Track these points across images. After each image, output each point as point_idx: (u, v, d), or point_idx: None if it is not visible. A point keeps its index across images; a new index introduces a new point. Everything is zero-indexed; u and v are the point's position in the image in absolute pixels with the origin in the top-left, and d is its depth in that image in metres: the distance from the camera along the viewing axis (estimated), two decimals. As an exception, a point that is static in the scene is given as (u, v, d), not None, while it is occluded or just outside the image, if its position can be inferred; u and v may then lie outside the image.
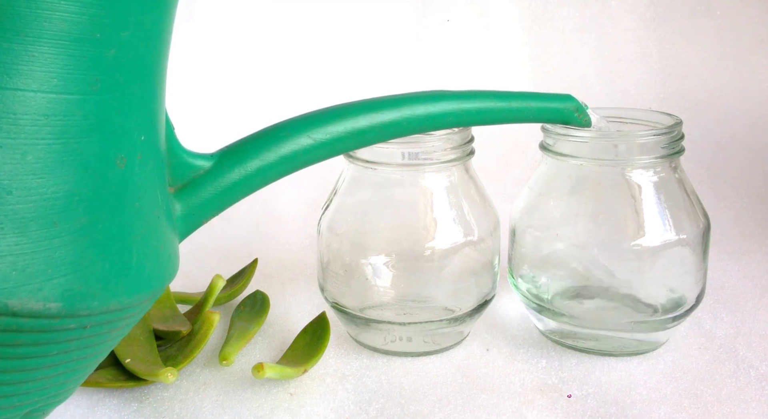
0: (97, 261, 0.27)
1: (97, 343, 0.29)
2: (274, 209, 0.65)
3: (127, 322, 0.30)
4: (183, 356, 0.41)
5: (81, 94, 0.26)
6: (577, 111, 0.38)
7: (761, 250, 0.56)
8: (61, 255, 0.26)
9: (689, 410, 0.37)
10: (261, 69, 0.75)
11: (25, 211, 0.25)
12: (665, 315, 0.40)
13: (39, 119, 0.25)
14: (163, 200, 0.31)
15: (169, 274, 0.31)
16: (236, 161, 0.33)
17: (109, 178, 0.27)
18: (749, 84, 0.78)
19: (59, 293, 0.26)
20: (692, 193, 0.41)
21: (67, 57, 0.25)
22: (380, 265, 0.41)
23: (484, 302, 0.42)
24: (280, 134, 0.34)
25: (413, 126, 0.35)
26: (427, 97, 0.36)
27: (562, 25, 0.78)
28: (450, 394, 0.39)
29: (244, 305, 0.47)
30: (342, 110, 0.34)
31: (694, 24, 0.79)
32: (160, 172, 0.31)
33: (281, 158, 0.33)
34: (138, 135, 0.28)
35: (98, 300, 0.27)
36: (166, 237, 0.31)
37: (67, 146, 0.26)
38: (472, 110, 0.36)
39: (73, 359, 0.28)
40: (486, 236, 0.42)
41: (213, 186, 0.33)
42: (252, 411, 0.38)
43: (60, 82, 0.25)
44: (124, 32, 0.26)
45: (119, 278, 0.28)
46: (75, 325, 0.27)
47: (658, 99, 0.77)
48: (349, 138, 0.34)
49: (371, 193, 0.42)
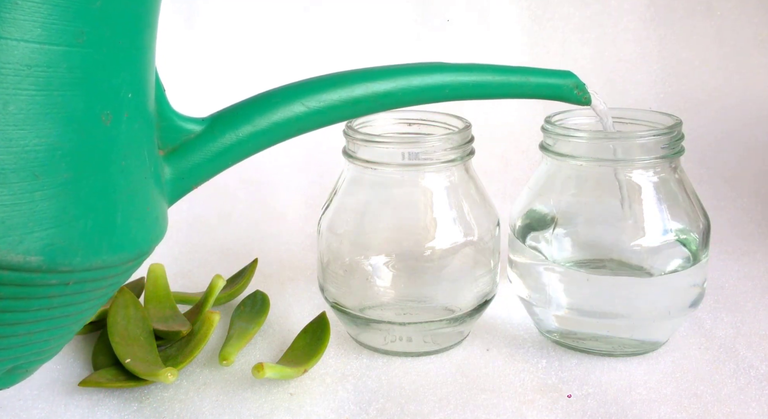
0: (80, 217, 0.26)
1: (81, 302, 0.28)
2: (274, 209, 0.65)
3: (112, 282, 0.29)
4: (183, 356, 0.41)
5: (66, 46, 0.25)
6: (577, 88, 0.37)
7: (761, 250, 0.56)
8: (42, 209, 0.25)
9: (689, 410, 0.37)
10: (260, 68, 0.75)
11: (6, 162, 0.24)
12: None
13: (21, 69, 0.24)
14: (151, 161, 0.30)
15: (155, 236, 0.31)
16: (228, 126, 0.33)
17: (94, 134, 0.27)
18: (749, 84, 0.78)
19: (40, 246, 0.25)
20: (692, 193, 0.41)
21: (52, 6, 0.25)
22: (380, 265, 0.41)
23: (484, 303, 0.42)
24: (273, 100, 0.33)
25: (409, 97, 0.34)
26: (424, 69, 0.35)
27: (562, 25, 0.78)
28: (450, 394, 0.39)
29: (244, 305, 0.47)
30: (337, 78, 0.34)
31: (694, 24, 0.79)
32: (149, 133, 0.30)
33: (273, 124, 0.33)
34: (125, 92, 0.28)
35: (80, 257, 0.27)
36: (154, 199, 0.30)
37: (51, 98, 0.25)
38: (469, 83, 0.35)
39: (56, 316, 0.28)
40: (486, 236, 0.42)
41: (204, 151, 0.33)
42: (252, 411, 0.38)
43: (44, 32, 0.25)
44: None
45: (102, 235, 0.27)
46: (56, 281, 0.26)
47: (658, 99, 0.77)
48: (343, 107, 0.34)
49: (371, 193, 0.42)
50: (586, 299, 0.40)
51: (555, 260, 0.41)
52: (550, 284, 0.41)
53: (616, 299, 0.40)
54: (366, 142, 0.40)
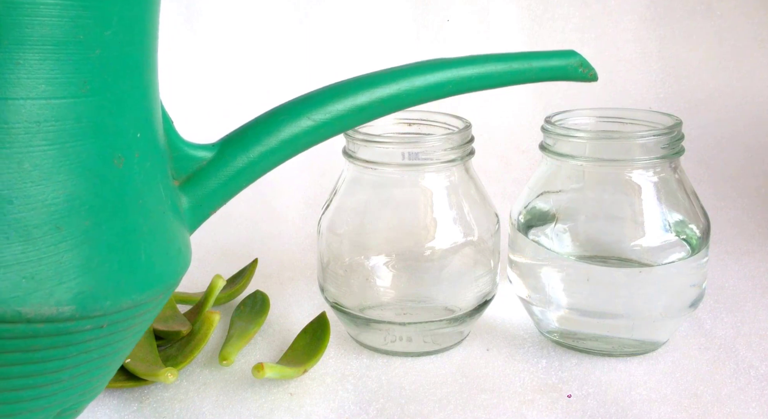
0: (106, 261, 0.27)
1: (117, 340, 0.29)
2: (274, 209, 0.65)
3: (145, 317, 0.30)
4: (183, 356, 0.41)
5: (71, 98, 0.26)
6: (582, 66, 0.36)
7: (761, 250, 0.56)
8: (68, 259, 0.26)
9: (689, 410, 0.37)
10: (258, 67, 0.75)
11: (28, 218, 0.25)
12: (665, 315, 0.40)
13: (31, 127, 0.25)
14: (167, 194, 0.31)
15: (180, 268, 0.31)
16: (238, 148, 0.33)
17: (108, 178, 0.27)
18: (749, 84, 0.78)
19: (71, 296, 0.26)
20: (692, 193, 0.41)
21: (53, 61, 0.25)
22: (380, 265, 0.41)
23: (484, 303, 0.42)
24: (280, 117, 0.33)
25: (414, 98, 0.34)
26: (425, 68, 0.35)
27: (562, 25, 0.78)
28: (450, 394, 0.39)
29: (244, 305, 0.47)
30: (340, 88, 0.34)
31: (694, 24, 0.79)
32: (161, 167, 0.30)
33: (283, 142, 0.33)
34: (134, 133, 0.28)
35: (110, 300, 0.27)
36: (174, 231, 0.31)
37: (63, 150, 0.26)
38: (472, 76, 0.35)
39: (95, 358, 0.28)
40: (486, 236, 0.42)
41: (218, 176, 0.33)
42: (252, 411, 0.38)
43: (48, 88, 0.25)
44: (107, 31, 0.26)
45: (129, 276, 0.28)
46: (90, 326, 0.27)
47: (658, 99, 0.77)
48: (349, 116, 0.34)
49: (371, 193, 0.42)
50: (586, 299, 0.40)
51: (557, 252, 0.41)
52: (550, 284, 0.41)
53: (616, 299, 0.40)
54: (366, 142, 0.41)
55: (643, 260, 0.40)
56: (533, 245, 0.42)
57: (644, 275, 0.39)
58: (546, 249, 0.41)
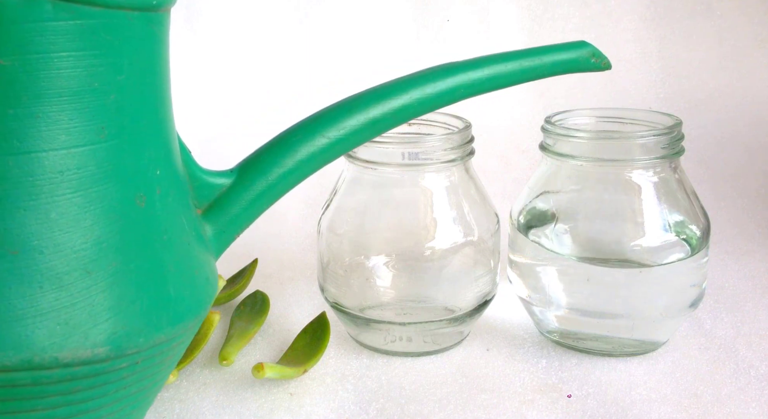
0: (136, 300, 0.27)
1: (154, 372, 0.30)
2: (274, 209, 0.65)
3: (178, 347, 0.30)
4: (183, 356, 0.41)
5: (90, 145, 0.26)
6: (594, 56, 0.36)
7: (761, 250, 0.56)
8: (100, 301, 0.26)
9: (689, 410, 0.37)
10: (258, 67, 0.75)
11: (59, 266, 0.26)
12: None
13: (55, 177, 0.26)
14: (190, 225, 0.31)
15: (209, 296, 0.31)
16: (257, 173, 0.33)
17: (132, 218, 0.28)
18: (749, 84, 0.78)
19: (105, 337, 0.26)
20: (692, 193, 0.41)
21: (70, 111, 0.26)
22: (380, 265, 0.41)
23: (484, 303, 0.42)
24: (295, 138, 0.34)
25: (426, 106, 0.34)
26: (435, 75, 0.34)
27: (562, 25, 0.78)
28: (450, 394, 0.39)
29: (244, 305, 0.47)
30: (351, 103, 0.34)
31: (694, 24, 0.79)
32: (183, 199, 0.31)
33: (300, 162, 0.33)
34: (153, 171, 0.29)
35: (143, 337, 0.28)
36: (200, 260, 0.31)
37: (87, 196, 0.26)
38: (483, 79, 0.35)
39: (133, 392, 0.29)
40: (486, 236, 0.42)
41: (239, 201, 0.33)
42: (252, 411, 0.38)
43: (68, 137, 0.26)
44: (120, 76, 0.27)
45: (160, 311, 0.28)
46: (126, 363, 0.27)
47: (658, 99, 0.77)
48: (363, 130, 0.34)
49: (371, 193, 0.42)
50: (586, 299, 0.40)
51: (557, 253, 0.41)
52: (550, 284, 0.41)
53: (616, 299, 0.40)
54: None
55: (643, 260, 0.40)
56: (533, 245, 0.42)
57: (644, 275, 0.39)
58: (546, 249, 0.41)
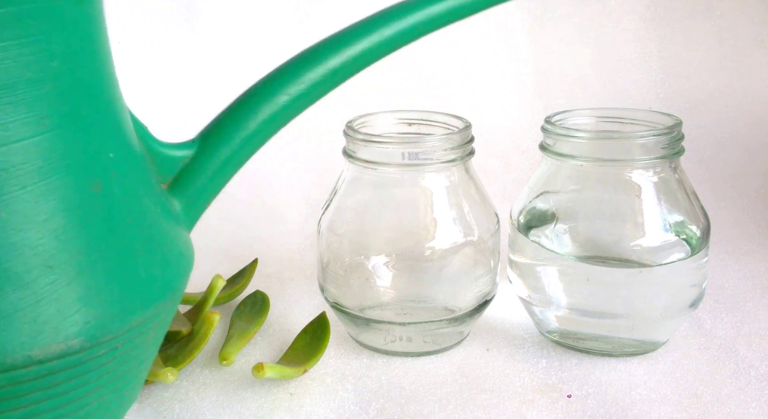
0: (104, 286, 0.26)
1: (138, 352, 0.29)
2: (274, 209, 0.65)
3: (158, 325, 0.29)
4: (183, 356, 0.41)
5: (31, 137, 0.25)
6: None
7: (761, 250, 0.56)
8: (66, 294, 0.25)
9: (689, 410, 0.37)
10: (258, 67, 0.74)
11: (17, 266, 0.24)
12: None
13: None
14: (155, 203, 0.30)
15: (184, 270, 0.30)
16: (219, 140, 0.32)
17: (90, 206, 0.26)
18: (749, 84, 0.78)
19: (77, 329, 0.25)
20: (692, 193, 0.41)
21: (4, 105, 0.24)
22: (380, 265, 0.41)
23: (484, 303, 0.42)
24: (255, 99, 0.33)
25: (386, 48, 0.33)
26: (392, 15, 0.33)
27: (562, 25, 0.78)
28: (450, 394, 0.39)
29: (244, 305, 0.47)
30: (309, 55, 0.33)
31: (694, 24, 0.79)
32: (144, 177, 0.30)
33: (263, 122, 0.32)
34: (105, 155, 0.27)
35: (118, 322, 0.27)
36: (171, 237, 0.30)
37: (37, 191, 0.25)
38: (443, 12, 0.34)
39: (120, 373, 0.28)
40: (486, 236, 0.42)
41: (204, 171, 0.32)
42: (252, 411, 0.38)
43: (6, 133, 0.24)
44: (53, 62, 0.25)
45: (133, 294, 0.27)
46: (105, 349, 0.27)
47: (658, 99, 0.77)
48: (325, 82, 0.33)
49: (371, 193, 0.42)
50: (586, 299, 0.40)
51: (557, 253, 0.41)
52: (550, 284, 0.41)
53: (616, 299, 0.40)
54: (366, 142, 0.41)
55: (643, 260, 0.40)
56: (533, 245, 0.42)
57: (644, 275, 0.39)
58: (546, 249, 0.41)
